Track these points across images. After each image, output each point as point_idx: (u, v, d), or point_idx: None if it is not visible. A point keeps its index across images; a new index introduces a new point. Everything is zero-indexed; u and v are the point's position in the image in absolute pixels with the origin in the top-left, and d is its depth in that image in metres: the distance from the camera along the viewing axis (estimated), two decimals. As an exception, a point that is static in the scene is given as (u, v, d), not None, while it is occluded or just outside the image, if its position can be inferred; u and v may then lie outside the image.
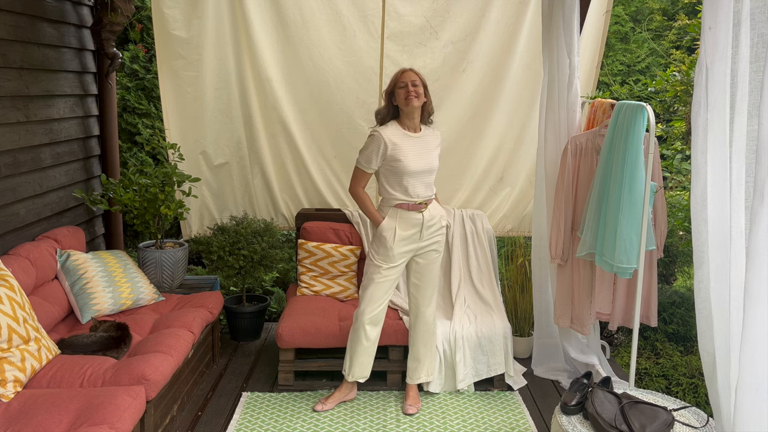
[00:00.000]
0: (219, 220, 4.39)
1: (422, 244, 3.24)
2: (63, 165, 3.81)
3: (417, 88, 3.08)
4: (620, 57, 6.40)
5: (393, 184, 3.15)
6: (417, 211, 3.17)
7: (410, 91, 3.07)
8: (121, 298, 3.50)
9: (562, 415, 2.58)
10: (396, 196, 3.16)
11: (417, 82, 3.10)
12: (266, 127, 4.29)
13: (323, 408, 3.31)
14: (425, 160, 3.15)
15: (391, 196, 3.17)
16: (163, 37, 4.03)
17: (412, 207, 3.16)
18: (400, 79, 3.11)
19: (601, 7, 4.08)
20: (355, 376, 3.33)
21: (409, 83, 3.08)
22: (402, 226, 3.17)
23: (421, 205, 3.18)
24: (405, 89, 3.08)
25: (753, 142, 1.80)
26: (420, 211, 3.18)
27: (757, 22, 1.78)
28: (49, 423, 2.31)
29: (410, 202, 3.16)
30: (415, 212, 3.17)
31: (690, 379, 3.84)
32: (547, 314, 3.78)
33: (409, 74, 3.12)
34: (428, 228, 3.22)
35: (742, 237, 1.87)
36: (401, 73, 3.15)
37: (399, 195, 3.15)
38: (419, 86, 3.09)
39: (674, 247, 4.25)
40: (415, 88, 3.07)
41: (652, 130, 2.98)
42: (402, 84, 3.10)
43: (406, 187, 3.14)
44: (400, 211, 3.17)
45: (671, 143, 4.69)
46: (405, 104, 3.09)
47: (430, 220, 3.21)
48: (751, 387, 1.81)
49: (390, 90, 3.15)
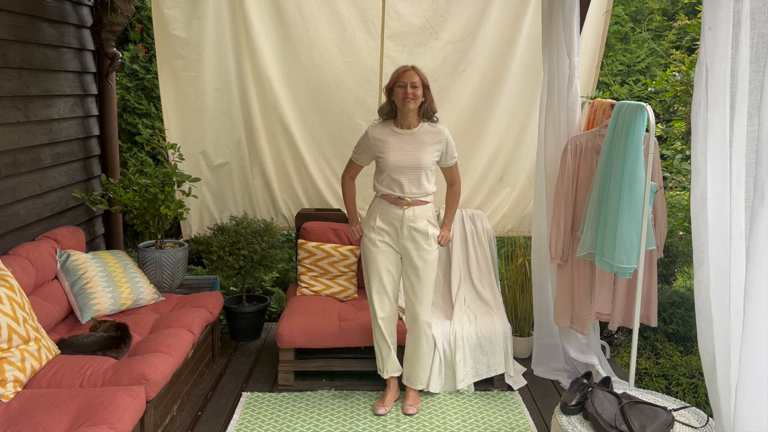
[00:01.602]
0: (219, 220, 4.39)
1: (403, 243, 3.21)
2: (63, 165, 3.81)
3: (416, 90, 3.06)
4: (620, 57, 6.40)
5: (379, 177, 3.20)
6: (397, 206, 3.16)
7: (408, 93, 3.06)
8: (121, 298, 3.50)
9: (562, 415, 2.58)
10: (380, 188, 3.20)
11: (417, 83, 3.08)
12: (266, 127, 4.29)
13: (386, 410, 3.32)
14: (410, 156, 3.12)
15: (377, 188, 3.23)
16: (163, 37, 4.03)
17: (393, 200, 3.16)
18: (401, 79, 3.09)
19: (601, 7, 4.08)
20: (389, 372, 3.38)
21: (409, 84, 3.06)
22: (382, 217, 3.20)
23: (402, 201, 3.15)
24: (404, 90, 3.07)
25: (753, 142, 1.80)
26: (401, 207, 3.16)
27: (757, 22, 1.78)
28: (49, 423, 2.31)
29: (391, 195, 3.17)
30: (395, 207, 3.16)
31: (690, 379, 3.84)
32: (547, 314, 3.77)
33: (410, 74, 3.09)
34: (409, 228, 3.17)
35: (742, 237, 1.87)
36: (403, 71, 3.12)
37: (383, 187, 3.19)
38: (418, 88, 3.08)
39: (674, 247, 4.24)
40: (413, 90, 3.06)
41: (652, 130, 2.98)
42: (401, 84, 3.08)
43: (389, 181, 3.16)
44: (382, 202, 3.21)
45: (671, 143, 4.69)
46: (401, 105, 3.10)
47: (411, 220, 3.17)
48: (751, 387, 1.81)
49: (390, 87, 3.14)
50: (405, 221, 3.16)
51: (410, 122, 3.16)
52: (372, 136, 3.19)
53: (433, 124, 3.21)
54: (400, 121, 3.17)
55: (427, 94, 3.12)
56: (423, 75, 3.12)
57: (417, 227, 3.17)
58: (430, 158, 3.15)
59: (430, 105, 3.16)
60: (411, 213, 3.16)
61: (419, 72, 3.12)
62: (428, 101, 3.15)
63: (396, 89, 3.09)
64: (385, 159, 3.14)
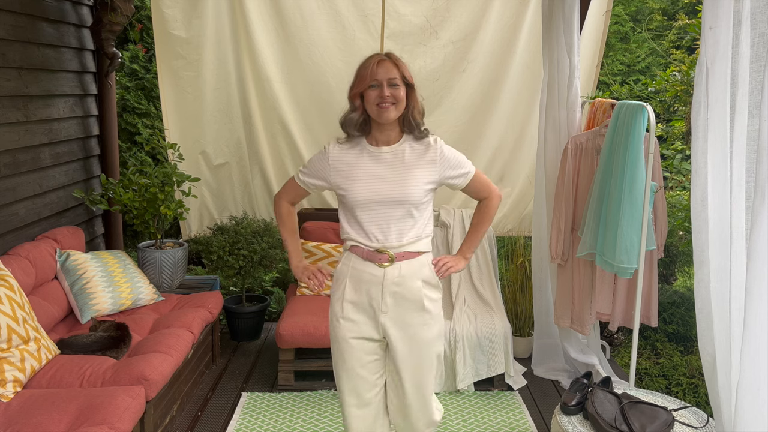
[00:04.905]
0: (219, 220, 4.39)
1: (383, 320, 2.13)
2: (63, 165, 3.81)
3: (395, 91, 2.07)
4: (620, 57, 6.40)
5: (346, 219, 2.18)
6: (375, 263, 2.12)
7: (384, 97, 2.05)
8: (120, 298, 3.50)
9: (562, 415, 2.58)
10: (350, 234, 2.16)
11: (397, 80, 2.07)
12: (266, 127, 4.29)
13: None
14: (391, 187, 2.09)
15: (346, 234, 2.18)
16: (163, 36, 4.03)
17: (368, 255, 2.12)
18: (373, 76, 2.07)
19: (601, 7, 4.08)
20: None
21: (385, 83, 2.06)
22: (352, 283, 2.14)
23: (382, 255, 2.10)
24: (378, 91, 2.07)
25: (753, 141, 1.80)
26: (380, 264, 2.11)
27: (757, 22, 1.78)
28: (49, 423, 2.31)
29: (366, 247, 2.12)
30: (372, 264, 2.12)
31: (690, 379, 3.84)
32: (547, 314, 3.77)
33: (387, 67, 2.07)
34: (394, 295, 2.11)
35: (742, 237, 1.87)
36: (375, 63, 2.08)
37: (353, 234, 2.15)
38: (399, 87, 2.07)
39: (674, 247, 4.24)
40: (393, 90, 2.06)
41: (653, 130, 2.98)
42: (375, 83, 2.07)
43: (359, 226, 2.13)
44: (353, 258, 2.16)
45: (671, 143, 4.69)
46: (377, 115, 2.09)
47: (396, 284, 2.11)
48: (752, 387, 1.81)
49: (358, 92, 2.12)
50: (387, 286, 2.11)
51: (388, 136, 2.16)
52: (334, 158, 2.16)
53: (419, 138, 2.18)
54: (375, 136, 2.16)
55: (411, 95, 2.12)
56: (404, 67, 2.12)
57: (405, 294, 2.12)
58: (420, 188, 2.11)
59: (414, 111, 2.13)
60: (395, 273, 2.11)
61: (399, 63, 2.11)
62: (413, 105, 2.13)
63: (367, 92, 2.09)
64: (351, 193, 2.10)
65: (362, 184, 2.10)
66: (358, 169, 2.13)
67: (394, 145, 2.16)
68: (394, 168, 2.13)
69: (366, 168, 2.13)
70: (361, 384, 2.18)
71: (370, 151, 2.16)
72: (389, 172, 2.12)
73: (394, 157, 2.14)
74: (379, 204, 2.10)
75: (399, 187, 2.10)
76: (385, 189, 2.10)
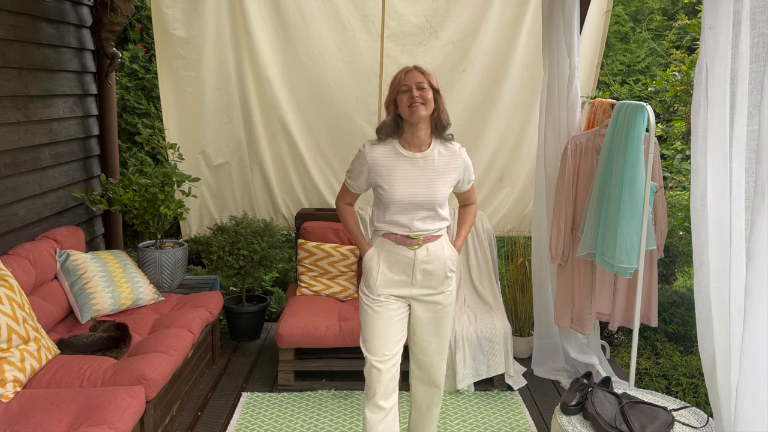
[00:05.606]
0: (219, 220, 4.39)
1: (416, 292, 2.52)
2: (63, 165, 3.81)
3: (424, 93, 2.38)
4: (620, 57, 6.40)
5: (381, 213, 2.52)
6: (407, 247, 2.47)
7: (414, 97, 2.36)
8: (120, 298, 3.50)
9: (562, 415, 2.58)
10: (383, 226, 2.51)
11: (424, 83, 2.39)
12: (266, 127, 4.29)
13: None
14: (423, 190, 2.45)
15: (378, 224, 2.53)
16: (163, 36, 4.03)
17: (401, 240, 2.47)
18: (403, 83, 2.40)
19: (601, 7, 4.08)
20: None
21: (414, 86, 2.37)
22: (387, 265, 2.49)
23: (413, 240, 2.46)
24: (408, 94, 2.38)
25: (753, 141, 1.80)
26: (411, 247, 2.47)
27: (757, 22, 1.78)
28: (49, 423, 2.31)
29: (399, 234, 2.48)
30: (404, 247, 2.48)
31: (690, 379, 3.84)
32: (547, 314, 3.77)
33: (414, 75, 2.41)
34: (423, 272, 2.49)
35: (742, 237, 1.87)
36: (404, 73, 2.43)
37: (386, 225, 2.50)
38: (426, 90, 2.38)
39: (674, 247, 4.24)
40: (421, 92, 2.37)
41: (652, 130, 2.98)
42: (405, 87, 2.39)
43: (394, 218, 2.47)
44: (387, 243, 2.50)
45: (671, 143, 4.69)
46: (409, 114, 2.39)
47: (426, 263, 2.48)
48: (752, 387, 1.81)
49: (392, 98, 2.45)
50: (417, 265, 2.48)
51: (422, 140, 2.46)
52: (372, 159, 2.46)
53: (447, 144, 2.53)
54: (408, 139, 2.47)
55: (438, 99, 2.44)
56: (430, 75, 2.44)
57: (431, 270, 2.51)
58: (445, 191, 2.50)
59: (442, 113, 2.47)
60: (424, 254, 2.48)
61: (425, 72, 2.44)
62: (440, 109, 2.46)
63: (399, 96, 2.41)
64: (390, 193, 2.44)
65: (401, 186, 2.43)
66: (396, 172, 2.45)
67: (426, 151, 2.48)
68: (426, 172, 2.47)
69: (404, 172, 2.45)
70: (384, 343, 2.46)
71: (405, 156, 2.47)
72: (422, 176, 2.46)
73: (426, 162, 2.47)
74: (412, 202, 2.44)
75: (429, 190, 2.45)
76: (419, 192, 2.45)
